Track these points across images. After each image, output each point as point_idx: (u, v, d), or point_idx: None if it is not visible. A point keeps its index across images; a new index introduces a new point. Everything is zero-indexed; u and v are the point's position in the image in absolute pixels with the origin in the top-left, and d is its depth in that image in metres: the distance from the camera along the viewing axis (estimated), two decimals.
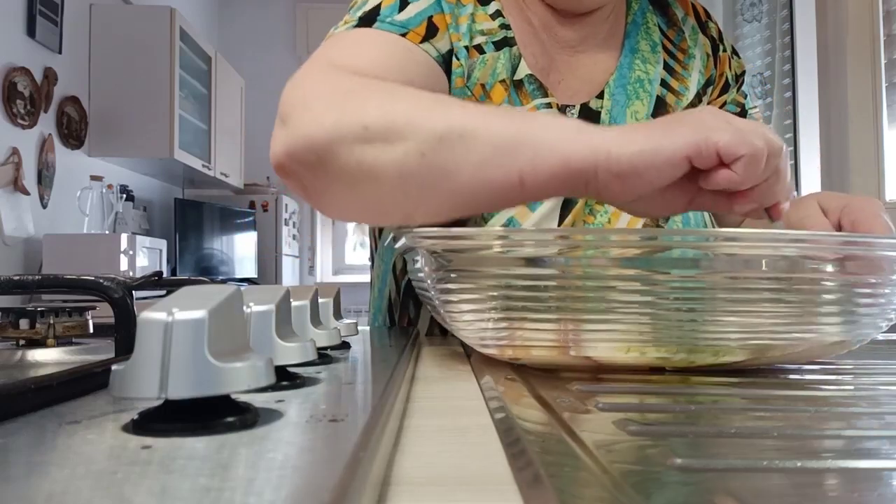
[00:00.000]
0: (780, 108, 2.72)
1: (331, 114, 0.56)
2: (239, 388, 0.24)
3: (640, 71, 0.82)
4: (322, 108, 0.57)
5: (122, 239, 2.46)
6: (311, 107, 0.58)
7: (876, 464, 0.27)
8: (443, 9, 0.73)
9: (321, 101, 0.58)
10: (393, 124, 0.54)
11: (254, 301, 0.32)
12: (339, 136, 0.55)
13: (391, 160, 0.54)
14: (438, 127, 0.53)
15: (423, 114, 0.54)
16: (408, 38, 0.69)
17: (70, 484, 0.18)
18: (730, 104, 0.88)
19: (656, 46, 0.85)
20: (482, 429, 0.32)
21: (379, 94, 0.57)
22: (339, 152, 0.55)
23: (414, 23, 0.70)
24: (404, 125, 0.53)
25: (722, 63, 0.88)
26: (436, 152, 0.52)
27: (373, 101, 0.56)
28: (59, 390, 0.29)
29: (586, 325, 0.48)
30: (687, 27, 0.88)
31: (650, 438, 0.29)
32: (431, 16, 0.71)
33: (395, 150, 0.53)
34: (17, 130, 2.32)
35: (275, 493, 0.17)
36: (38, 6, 2.40)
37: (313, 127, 0.57)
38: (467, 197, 0.54)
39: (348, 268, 4.75)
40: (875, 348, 0.65)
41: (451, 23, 0.73)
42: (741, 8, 2.97)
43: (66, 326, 0.46)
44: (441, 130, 0.52)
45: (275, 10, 4.43)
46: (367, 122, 0.54)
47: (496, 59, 0.75)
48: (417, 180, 0.53)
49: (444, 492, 0.24)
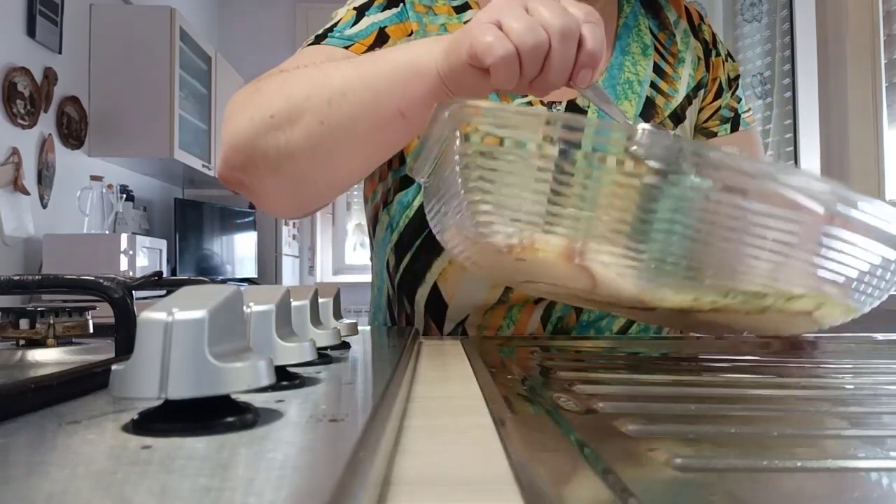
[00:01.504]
0: (780, 108, 2.72)
1: (244, 115, 0.63)
2: (239, 388, 0.24)
3: (630, 73, 0.84)
4: (237, 114, 0.64)
5: (122, 239, 2.46)
6: (230, 117, 0.65)
7: (876, 464, 0.27)
8: (408, 17, 0.77)
9: (237, 109, 0.65)
10: (293, 105, 0.60)
11: (254, 301, 0.32)
12: (254, 132, 0.62)
13: (299, 136, 0.60)
14: (326, 92, 0.59)
15: (316, 86, 0.60)
16: (351, 49, 0.73)
17: (70, 484, 0.18)
18: (724, 108, 0.89)
19: (647, 49, 0.86)
20: (482, 429, 0.32)
21: (280, 83, 0.63)
22: (258, 145, 0.62)
23: (362, 35, 0.75)
24: (302, 101, 0.60)
25: (715, 68, 0.89)
26: (329, 115, 0.59)
27: (275, 90, 0.63)
28: (59, 390, 0.29)
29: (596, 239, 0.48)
30: (679, 30, 0.88)
31: (650, 438, 0.29)
32: (385, 27, 0.76)
33: (299, 126, 0.60)
34: (17, 130, 2.32)
35: (275, 493, 0.17)
36: (38, 6, 2.40)
37: (233, 132, 0.64)
38: (369, 147, 0.61)
39: (348, 268, 4.75)
40: (875, 348, 0.65)
41: (417, 30, 0.77)
42: (741, 8, 2.97)
43: (66, 326, 0.46)
44: (328, 94, 0.59)
45: (275, 10, 4.42)
46: (273, 111, 0.61)
47: None
48: (324, 145, 0.60)
49: (444, 492, 0.24)
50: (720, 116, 0.89)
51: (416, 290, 0.81)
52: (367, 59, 0.62)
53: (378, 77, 0.58)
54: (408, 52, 0.58)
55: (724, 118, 0.89)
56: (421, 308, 0.81)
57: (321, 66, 0.63)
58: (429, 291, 0.80)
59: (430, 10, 0.79)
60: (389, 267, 0.84)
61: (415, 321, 0.83)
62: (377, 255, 0.88)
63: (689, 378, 0.47)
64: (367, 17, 0.77)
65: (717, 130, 0.89)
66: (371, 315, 0.94)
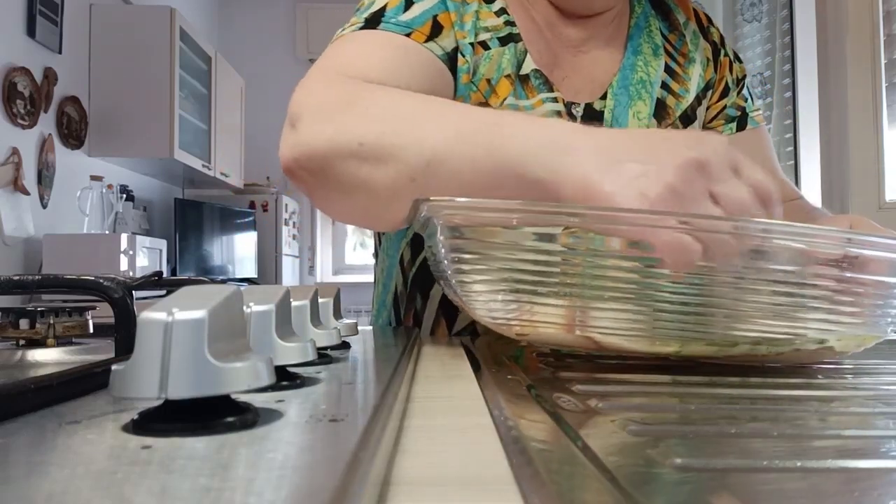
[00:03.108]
0: (780, 108, 2.72)
1: (331, 125, 0.59)
2: (239, 388, 0.24)
3: (643, 72, 0.84)
4: (324, 119, 0.60)
5: (122, 239, 2.46)
6: (315, 115, 0.60)
7: (876, 464, 0.27)
8: (447, 7, 0.74)
9: (323, 111, 0.60)
10: (385, 144, 0.56)
11: (254, 301, 0.32)
12: (337, 150, 0.58)
13: (383, 179, 0.56)
14: (426, 152, 0.54)
15: (414, 134, 0.56)
16: (412, 38, 0.69)
17: (70, 484, 0.18)
18: (730, 107, 0.90)
19: (658, 49, 0.86)
20: (482, 429, 0.32)
21: (376, 108, 0.59)
22: (336, 165, 0.58)
23: (418, 22, 0.71)
24: (396, 147, 0.56)
25: (723, 67, 0.90)
26: (424, 177, 0.55)
27: (369, 115, 0.59)
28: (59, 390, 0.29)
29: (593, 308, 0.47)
30: (688, 31, 0.89)
31: (650, 438, 0.29)
32: (436, 15, 0.72)
33: (387, 170, 0.56)
34: (17, 130, 2.32)
35: (275, 493, 0.17)
36: (38, 6, 2.40)
37: (315, 137, 0.59)
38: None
39: (348, 268, 4.75)
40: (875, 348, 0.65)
41: (455, 20, 0.74)
42: (741, 8, 2.97)
43: (66, 326, 0.46)
44: (428, 156, 0.54)
45: (275, 10, 4.42)
46: (363, 139, 0.57)
47: (501, 54, 0.76)
48: (408, 198, 0.54)
49: (444, 492, 0.24)
50: (725, 116, 0.89)
51: (431, 286, 0.81)
52: (480, 133, 0.54)
53: (483, 168, 0.52)
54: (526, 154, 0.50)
55: (730, 117, 0.89)
56: (434, 305, 0.81)
57: (424, 102, 0.59)
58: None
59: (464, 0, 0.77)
60: (404, 262, 0.84)
61: (424, 318, 0.83)
62: (388, 251, 0.88)
63: (689, 378, 0.47)
64: (416, 3, 0.72)
65: (722, 129, 0.89)
66: (374, 314, 0.93)
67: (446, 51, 0.72)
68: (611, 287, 0.47)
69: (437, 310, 0.81)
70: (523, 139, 0.51)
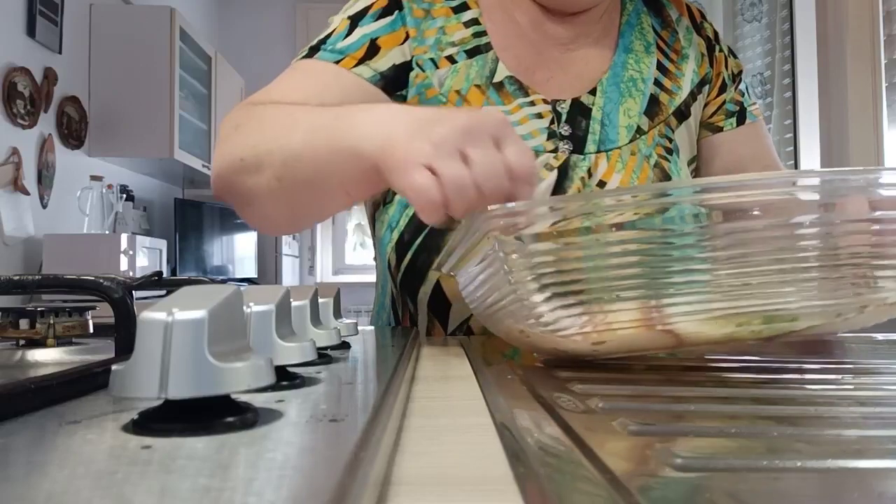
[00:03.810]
0: (780, 108, 2.72)
1: (226, 147, 0.69)
2: (239, 388, 0.24)
3: (634, 70, 0.84)
4: (220, 144, 0.70)
5: (122, 239, 2.46)
6: (219, 141, 0.71)
7: (876, 464, 0.27)
8: (406, 23, 0.78)
9: (222, 137, 0.70)
10: (258, 155, 0.65)
11: (254, 301, 0.32)
12: (229, 168, 0.68)
13: (262, 184, 0.65)
14: (285, 152, 0.62)
15: (279, 140, 0.63)
16: (341, 65, 0.76)
17: (70, 484, 0.18)
18: (729, 103, 0.90)
19: (650, 46, 0.86)
20: (482, 429, 0.32)
21: (255, 124, 0.68)
22: (232, 181, 0.68)
23: (353, 48, 0.76)
24: (265, 155, 0.64)
25: (718, 63, 0.90)
26: (284, 175, 0.63)
27: (249, 132, 0.67)
28: (59, 390, 0.29)
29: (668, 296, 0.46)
30: (681, 28, 0.89)
31: (650, 438, 0.29)
32: (377, 37, 0.77)
33: (262, 176, 0.64)
34: (17, 130, 2.32)
35: (275, 494, 0.17)
36: (38, 6, 2.40)
37: (217, 161, 0.70)
38: (327, 201, 0.64)
39: (348, 268, 4.75)
40: (875, 348, 0.65)
41: (415, 36, 0.78)
42: (741, 8, 2.97)
43: (66, 326, 0.46)
44: (286, 156, 0.62)
45: (275, 10, 4.42)
46: (243, 155, 0.66)
47: (469, 66, 0.80)
48: (285, 198, 0.65)
49: (444, 492, 0.24)
50: (725, 111, 0.89)
51: (418, 289, 0.81)
52: (322, 126, 0.61)
53: (323, 152, 0.59)
54: (355, 130, 0.57)
55: (730, 112, 0.89)
56: (424, 307, 0.81)
57: (291, 113, 0.65)
58: (431, 290, 0.80)
59: (429, 14, 0.80)
60: (391, 266, 0.84)
61: (418, 320, 0.83)
62: (379, 255, 0.88)
63: (689, 378, 0.47)
64: (359, 27, 0.78)
65: (722, 125, 0.89)
66: (374, 314, 0.94)
67: (379, 71, 0.76)
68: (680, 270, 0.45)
69: (428, 312, 0.82)
70: (356, 126, 0.57)
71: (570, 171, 0.79)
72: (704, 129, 0.90)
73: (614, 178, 0.79)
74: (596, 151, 0.80)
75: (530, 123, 0.79)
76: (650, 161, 0.81)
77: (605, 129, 0.81)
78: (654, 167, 0.81)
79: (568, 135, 0.80)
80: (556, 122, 0.80)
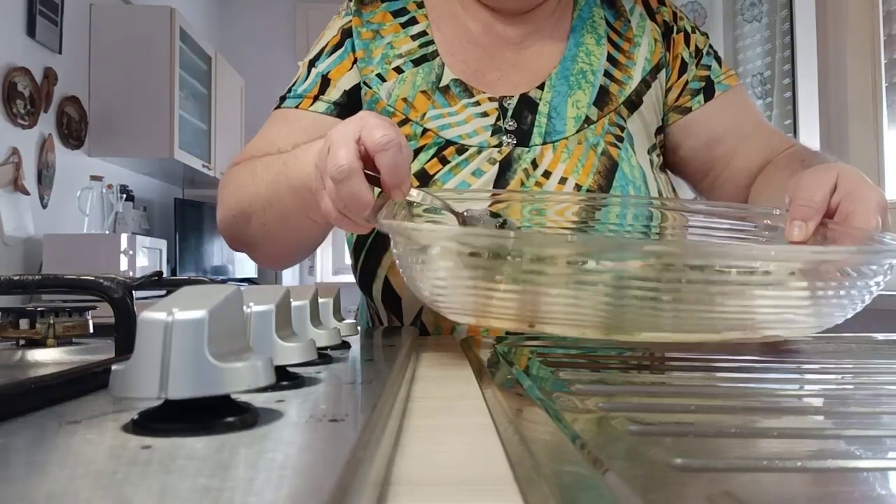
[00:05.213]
0: (780, 108, 2.72)
1: (221, 206, 0.83)
2: (239, 388, 0.24)
3: (584, 63, 0.87)
4: (220, 203, 0.83)
5: (122, 239, 2.46)
6: (218, 201, 0.84)
7: (876, 464, 0.27)
8: (354, 48, 0.85)
9: (219, 197, 0.83)
10: (243, 209, 0.78)
11: (254, 301, 0.32)
12: (229, 224, 0.82)
13: (255, 231, 0.78)
14: (260, 201, 0.75)
15: (254, 193, 0.76)
16: (300, 107, 0.84)
17: (70, 484, 0.18)
18: (692, 81, 0.89)
19: (601, 39, 0.88)
20: (482, 429, 0.32)
21: (234, 186, 0.80)
22: (233, 233, 0.83)
23: (308, 88, 0.85)
24: (247, 207, 0.77)
25: (676, 45, 0.89)
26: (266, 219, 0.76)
27: (232, 192, 0.81)
28: (59, 390, 0.29)
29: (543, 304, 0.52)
30: (634, 16, 0.90)
31: (650, 438, 0.29)
32: (327, 73, 0.85)
33: (252, 225, 0.78)
34: (17, 130, 2.32)
35: (275, 493, 0.17)
36: (38, 6, 2.40)
37: (219, 216, 0.84)
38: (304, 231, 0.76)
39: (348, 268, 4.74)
40: (875, 348, 0.65)
41: (363, 57, 0.85)
42: (741, 8, 2.97)
43: (66, 326, 0.46)
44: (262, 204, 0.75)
45: (275, 10, 4.42)
46: (234, 212, 0.80)
47: (415, 74, 0.84)
48: (273, 238, 0.79)
49: (444, 492, 0.24)
50: (690, 90, 0.89)
51: (372, 286, 0.83)
52: (278, 173, 0.72)
53: (284, 194, 0.71)
54: (300, 170, 0.68)
55: (695, 90, 0.89)
56: (379, 302, 0.84)
57: (253, 169, 0.77)
58: (382, 286, 0.82)
59: (378, 33, 0.86)
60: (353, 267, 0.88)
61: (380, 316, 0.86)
62: None
63: (689, 378, 0.47)
64: (315, 67, 0.86)
65: (690, 105, 0.88)
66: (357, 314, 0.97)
67: (332, 101, 0.84)
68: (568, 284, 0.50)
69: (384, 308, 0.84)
70: (299, 165, 0.68)
71: (514, 164, 0.81)
72: (674, 114, 0.89)
73: (559, 167, 0.81)
74: (542, 143, 0.82)
75: (474, 122, 0.82)
76: (597, 149, 0.83)
77: (552, 121, 0.83)
78: (602, 155, 0.82)
79: (513, 129, 0.83)
80: (502, 117, 0.83)
